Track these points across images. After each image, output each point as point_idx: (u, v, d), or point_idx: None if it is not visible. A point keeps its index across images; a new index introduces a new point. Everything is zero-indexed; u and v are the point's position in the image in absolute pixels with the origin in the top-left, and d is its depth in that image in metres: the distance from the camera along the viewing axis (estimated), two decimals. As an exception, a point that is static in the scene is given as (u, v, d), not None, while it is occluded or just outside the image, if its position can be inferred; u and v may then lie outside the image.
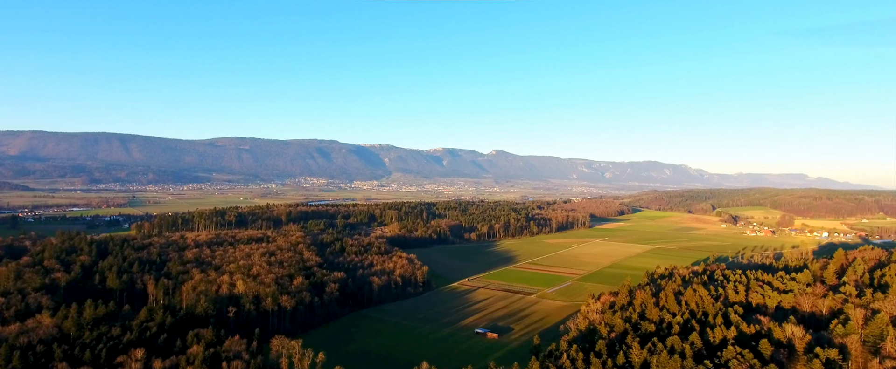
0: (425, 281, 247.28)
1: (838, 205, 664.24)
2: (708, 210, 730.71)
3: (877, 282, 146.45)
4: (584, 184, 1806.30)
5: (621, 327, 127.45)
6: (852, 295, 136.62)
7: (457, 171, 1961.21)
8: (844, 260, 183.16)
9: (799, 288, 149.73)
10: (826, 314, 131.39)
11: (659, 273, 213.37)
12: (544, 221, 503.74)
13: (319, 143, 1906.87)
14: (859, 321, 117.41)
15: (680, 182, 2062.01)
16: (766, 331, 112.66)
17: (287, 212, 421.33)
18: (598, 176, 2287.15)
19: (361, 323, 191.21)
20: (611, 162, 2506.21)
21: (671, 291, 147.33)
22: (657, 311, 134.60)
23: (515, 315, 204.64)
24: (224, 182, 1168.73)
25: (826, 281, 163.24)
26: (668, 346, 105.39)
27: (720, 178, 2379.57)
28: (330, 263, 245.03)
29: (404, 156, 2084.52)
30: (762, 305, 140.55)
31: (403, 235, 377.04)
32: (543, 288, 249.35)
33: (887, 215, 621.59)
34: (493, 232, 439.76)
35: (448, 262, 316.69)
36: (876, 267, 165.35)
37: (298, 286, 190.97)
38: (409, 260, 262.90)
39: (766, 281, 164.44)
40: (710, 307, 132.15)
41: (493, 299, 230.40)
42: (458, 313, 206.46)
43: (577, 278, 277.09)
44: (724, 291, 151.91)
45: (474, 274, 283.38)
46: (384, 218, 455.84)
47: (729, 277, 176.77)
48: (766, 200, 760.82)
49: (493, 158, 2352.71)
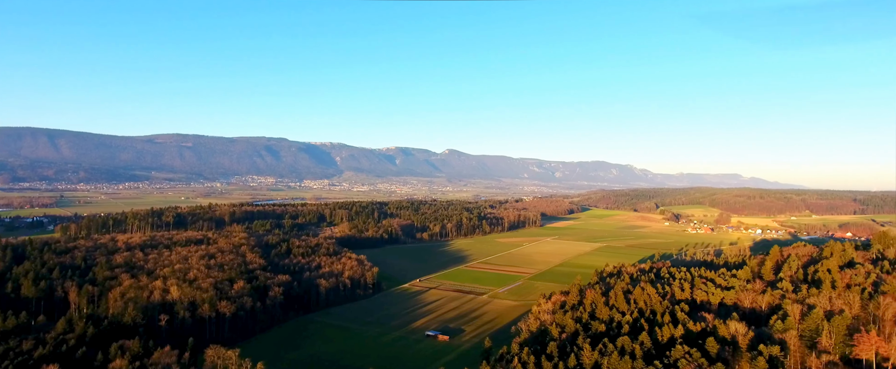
0: (375, 283, 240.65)
1: (769, 204, 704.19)
2: (652, 208, 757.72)
3: (810, 278, 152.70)
4: (535, 184, 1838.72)
5: (572, 327, 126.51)
6: (789, 291, 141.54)
7: (410, 171, 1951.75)
8: (779, 256, 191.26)
9: (740, 285, 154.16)
10: (765, 309, 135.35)
11: (608, 271, 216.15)
12: (496, 220, 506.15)
13: (268, 141, 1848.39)
14: (796, 316, 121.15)
15: (626, 181, 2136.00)
16: (711, 329, 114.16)
17: (231, 212, 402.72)
18: (549, 175, 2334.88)
19: (307, 328, 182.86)
20: (561, 161, 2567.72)
21: (620, 290, 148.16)
22: (607, 311, 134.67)
23: (467, 316, 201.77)
24: (164, 181, 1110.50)
25: (764, 277, 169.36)
26: (618, 347, 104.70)
27: (663, 178, 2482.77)
28: (275, 266, 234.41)
29: (356, 155, 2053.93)
30: (706, 302, 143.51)
31: (354, 236, 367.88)
32: (495, 288, 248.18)
33: (813, 213, 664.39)
34: (445, 231, 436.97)
35: (399, 263, 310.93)
36: (809, 263, 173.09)
37: (239, 290, 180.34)
38: (359, 261, 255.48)
39: (710, 278, 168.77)
40: (658, 305, 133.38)
41: (444, 300, 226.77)
42: (408, 315, 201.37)
43: (529, 277, 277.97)
44: (670, 289, 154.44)
45: (426, 274, 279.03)
46: (334, 218, 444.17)
47: (674, 275, 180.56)
48: (705, 199, 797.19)
49: (446, 157, 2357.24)
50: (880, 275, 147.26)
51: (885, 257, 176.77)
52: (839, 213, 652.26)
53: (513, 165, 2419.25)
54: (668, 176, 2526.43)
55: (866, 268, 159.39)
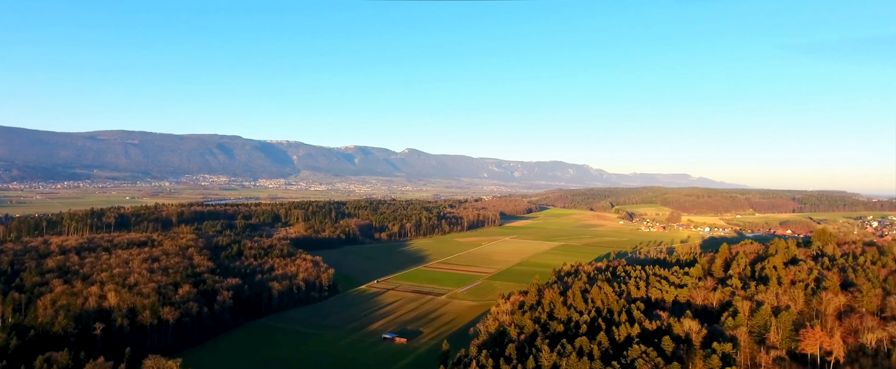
0: (331, 285, 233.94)
1: (717, 203, 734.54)
2: (607, 207, 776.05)
3: (758, 275, 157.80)
4: (495, 183, 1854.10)
5: (531, 328, 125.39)
6: (738, 288, 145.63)
7: (369, 170, 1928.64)
8: (728, 254, 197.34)
9: (692, 283, 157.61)
10: (717, 306, 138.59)
11: (566, 270, 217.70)
12: (456, 220, 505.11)
13: (220, 139, 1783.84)
14: (746, 313, 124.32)
15: (582, 181, 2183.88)
16: (666, 327, 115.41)
17: (178, 212, 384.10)
18: (508, 175, 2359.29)
19: (258, 333, 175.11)
20: (520, 161, 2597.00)
21: (578, 289, 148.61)
22: (565, 310, 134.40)
23: (425, 317, 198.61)
24: (107, 180, 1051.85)
25: (714, 274, 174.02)
26: (576, 347, 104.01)
27: (618, 178, 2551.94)
28: (225, 268, 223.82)
29: (314, 154, 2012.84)
30: (661, 300, 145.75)
31: (310, 236, 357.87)
32: (454, 288, 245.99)
33: (756, 211, 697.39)
34: (404, 231, 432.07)
35: (357, 264, 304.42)
36: (756, 260, 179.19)
37: (184, 295, 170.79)
38: (315, 262, 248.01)
39: (663, 276, 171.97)
40: (615, 304, 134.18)
41: (402, 301, 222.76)
42: (365, 318, 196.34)
43: (488, 277, 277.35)
44: (626, 287, 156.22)
45: (384, 275, 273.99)
46: (289, 218, 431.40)
47: (630, 273, 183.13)
48: (657, 198, 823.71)
49: (405, 157, 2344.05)
50: (821, 272, 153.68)
51: (824, 254, 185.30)
52: (780, 212, 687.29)
53: (472, 165, 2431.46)
54: (623, 175, 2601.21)
55: (808, 264, 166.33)
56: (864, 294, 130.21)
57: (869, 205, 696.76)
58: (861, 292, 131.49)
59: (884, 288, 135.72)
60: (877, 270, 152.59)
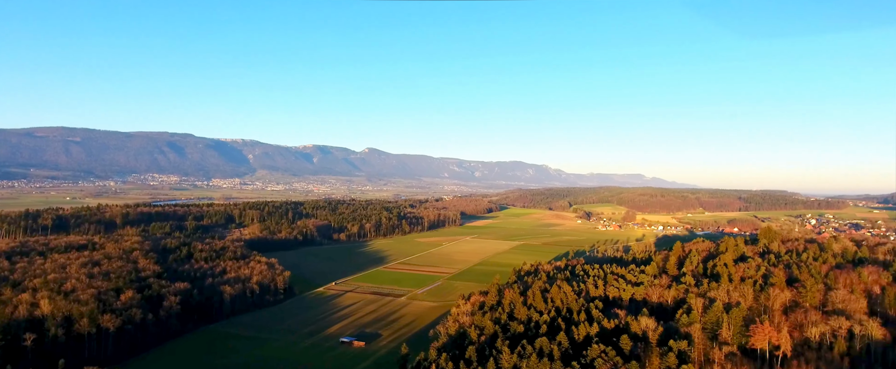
0: (287, 288, 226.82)
1: (669, 202, 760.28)
2: (566, 207, 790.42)
3: (710, 272, 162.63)
4: (455, 183, 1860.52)
5: (491, 329, 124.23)
6: (692, 285, 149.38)
7: (328, 169, 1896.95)
8: (681, 252, 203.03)
9: (648, 281, 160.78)
10: (671, 304, 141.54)
11: (526, 269, 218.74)
12: (416, 220, 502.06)
13: (171, 137, 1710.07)
14: (699, 309, 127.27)
15: (542, 181, 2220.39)
16: (624, 325, 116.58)
17: (123, 213, 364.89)
18: (469, 174, 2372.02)
19: (208, 339, 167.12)
20: (480, 161, 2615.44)
21: (538, 289, 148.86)
22: (525, 310, 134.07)
23: (385, 319, 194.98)
24: (46, 179, 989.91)
25: (669, 272, 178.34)
26: (536, 348, 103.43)
27: (575, 178, 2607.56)
28: (173, 272, 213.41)
29: (271, 153, 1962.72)
30: (618, 298, 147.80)
31: (265, 237, 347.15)
32: (414, 289, 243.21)
33: (705, 210, 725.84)
34: (364, 231, 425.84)
35: (315, 265, 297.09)
36: (707, 258, 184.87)
37: (127, 302, 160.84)
38: (270, 264, 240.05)
39: (620, 274, 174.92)
40: (574, 303, 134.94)
41: (361, 303, 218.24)
42: (322, 321, 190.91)
43: (448, 277, 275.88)
44: (585, 286, 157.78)
45: (343, 277, 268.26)
46: (244, 218, 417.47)
47: (588, 272, 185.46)
48: (613, 198, 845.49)
49: (365, 156, 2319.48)
50: (768, 268, 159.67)
51: (770, 251, 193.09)
52: (727, 210, 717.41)
53: (433, 165, 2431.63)
54: (580, 175, 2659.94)
55: (756, 261, 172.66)
56: (808, 289, 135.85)
57: (807, 204, 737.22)
58: (805, 287, 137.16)
59: (825, 284, 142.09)
60: (818, 266, 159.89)
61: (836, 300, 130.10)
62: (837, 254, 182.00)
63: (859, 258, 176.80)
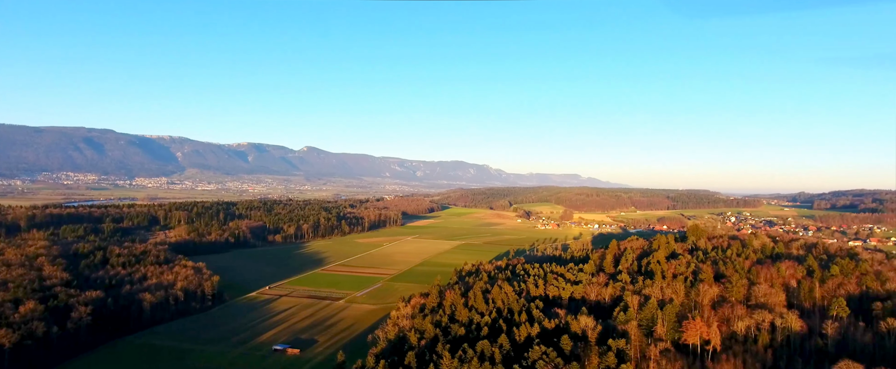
0: (216, 293, 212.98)
1: (604, 201, 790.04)
2: (506, 206, 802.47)
3: (644, 269, 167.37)
4: (397, 183, 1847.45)
5: (432, 333, 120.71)
6: (628, 283, 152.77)
7: (264, 168, 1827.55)
8: (617, 250, 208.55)
9: (586, 279, 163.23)
10: (609, 301, 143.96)
11: (467, 270, 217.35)
12: (356, 220, 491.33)
13: (88, 132, 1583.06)
14: (635, 307, 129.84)
15: (483, 180, 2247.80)
16: (564, 325, 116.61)
17: (29, 215, 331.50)
18: (411, 174, 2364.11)
19: (124, 352, 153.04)
20: (422, 161, 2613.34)
21: (479, 290, 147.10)
22: (467, 312, 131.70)
23: (321, 324, 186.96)
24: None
25: (606, 270, 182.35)
26: (478, 351, 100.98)
27: (515, 177, 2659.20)
28: (85, 280, 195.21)
29: (202, 151, 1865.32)
30: (558, 297, 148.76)
31: (193, 240, 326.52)
32: (353, 292, 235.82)
33: (637, 209, 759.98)
34: (301, 233, 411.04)
35: (247, 269, 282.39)
36: (642, 255, 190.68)
37: (27, 314, 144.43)
38: (197, 269, 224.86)
39: (560, 273, 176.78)
40: (515, 303, 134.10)
41: (297, 308, 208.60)
42: (254, 328, 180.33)
43: (389, 278, 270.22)
44: (525, 286, 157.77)
45: (277, 280, 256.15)
46: (170, 220, 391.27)
47: (529, 272, 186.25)
48: (552, 197, 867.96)
49: (304, 155, 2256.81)
50: (697, 265, 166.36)
51: (698, 248, 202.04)
52: (657, 209, 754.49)
53: (375, 164, 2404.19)
54: (520, 175, 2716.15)
55: (686, 258, 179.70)
56: (734, 284, 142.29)
57: (727, 203, 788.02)
58: (731, 283, 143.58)
59: (748, 279, 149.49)
60: (742, 262, 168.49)
61: (759, 294, 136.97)
62: (757, 249, 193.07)
63: (776, 253, 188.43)
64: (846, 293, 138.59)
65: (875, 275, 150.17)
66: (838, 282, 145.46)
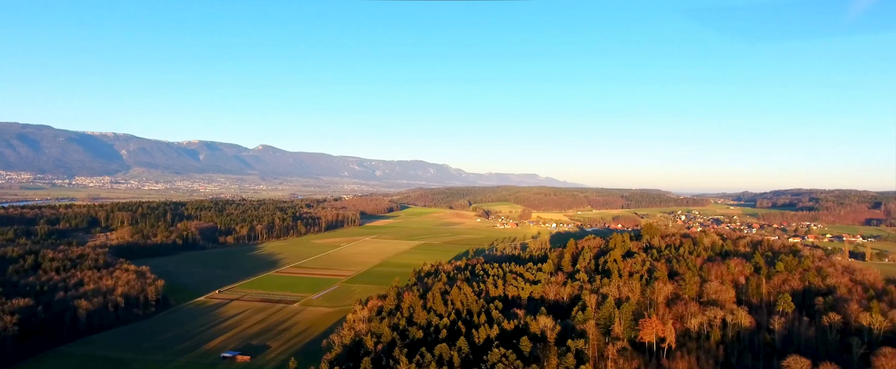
0: (161, 298, 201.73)
1: (561, 200, 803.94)
2: (466, 206, 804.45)
3: (601, 268, 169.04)
4: (356, 182, 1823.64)
5: (389, 336, 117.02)
6: (585, 282, 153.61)
7: (217, 167, 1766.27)
8: (575, 249, 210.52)
9: (545, 278, 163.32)
10: (567, 300, 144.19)
11: (426, 270, 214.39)
12: (313, 220, 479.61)
13: (22, 128, 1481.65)
14: (593, 306, 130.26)
15: (442, 180, 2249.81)
16: (523, 325, 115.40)
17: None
18: (370, 174, 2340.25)
19: (57, 364, 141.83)
20: (381, 160, 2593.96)
21: (438, 291, 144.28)
22: (425, 314, 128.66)
23: (274, 329, 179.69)
24: None
25: (564, 269, 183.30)
26: (436, 355, 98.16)
27: (475, 177, 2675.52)
28: (12, 286, 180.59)
29: (149, 149, 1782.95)
30: (517, 297, 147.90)
31: (137, 242, 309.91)
32: (309, 294, 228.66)
33: (593, 208, 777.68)
34: (254, 234, 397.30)
35: (196, 272, 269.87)
36: (599, 254, 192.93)
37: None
38: (140, 273, 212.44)
39: (519, 272, 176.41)
40: (475, 304, 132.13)
41: (249, 312, 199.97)
42: (202, 334, 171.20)
43: (346, 280, 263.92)
44: (485, 286, 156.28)
45: (228, 284, 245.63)
46: (112, 221, 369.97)
47: (488, 272, 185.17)
48: (511, 196, 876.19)
49: (259, 154, 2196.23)
50: (652, 263, 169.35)
51: (652, 246, 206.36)
52: (612, 208, 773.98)
53: (333, 163, 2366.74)
54: (480, 175, 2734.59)
55: (641, 256, 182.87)
56: (687, 282, 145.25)
57: (678, 202, 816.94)
58: (684, 280, 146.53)
59: (700, 276, 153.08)
60: (694, 260, 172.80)
61: (711, 291, 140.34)
62: (708, 247, 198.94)
63: (726, 251, 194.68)
64: (791, 289, 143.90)
65: (816, 271, 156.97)
66: (783, 279, 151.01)
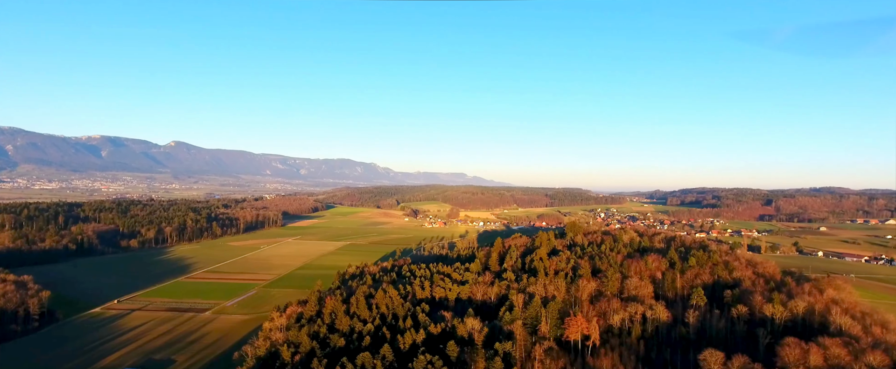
0: (45, 312, 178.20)
1: (488, 199, 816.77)
2: (394, 205, 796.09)
3: (527, 267, 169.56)
4: (279, 181, 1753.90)
5: (308, 346, 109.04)
6: (512, 281, 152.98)
7: (122, 165, 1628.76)
8: (502, 248, 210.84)
9: (473, 279, 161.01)
10: (495, 301, 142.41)
11: (350, 272, 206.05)
12: (230, 221, 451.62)
13: None
14: (520, 306, 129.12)
15: (370, 179, 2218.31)
16: (450, 329, 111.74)
17: None
18: (294, 172, 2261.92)
19: None
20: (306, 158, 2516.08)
21: (362, 295, 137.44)
22: (348, 320, 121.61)
23: (182, 340, 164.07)
24: None
25: (491, 268, 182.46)
26: (358, 365, 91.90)
27: (403, 176, 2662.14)
28: None
29: (41, 144, 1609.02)
30: (445, 298, 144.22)
31: (20, 248, 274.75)
32: (223, 301, 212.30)
33: (519, 206, 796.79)
34: (163, 237, 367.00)
35: (92, 280, 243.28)
36: (525, 252, 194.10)
37: None
38: (19, 283, 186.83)
39: (447, 273, 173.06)
40: (400, 308, 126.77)
41: (152, 323, 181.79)
42: (94, 351, 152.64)
43: (265, 284, 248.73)
44: (411, 288, 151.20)
45: (130, 292, 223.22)
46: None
47: (415, 273, 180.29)
48: (439, 195, 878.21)
49: (171, 151, 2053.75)
50: (577, 261, 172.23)
51: (576, 244, 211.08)
52: (536, 206, 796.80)
53: (254, 161, 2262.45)
54: (408, 174, 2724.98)
55: (566, 254, 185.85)
56: (609, 278, 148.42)
57: (598, 200, 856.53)
58: (607, 277, 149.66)
59: (621, 273, 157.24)
60: (615, 257, 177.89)
61: (631, 287, 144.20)
62: (627, 244, 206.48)
63: (643, 247, 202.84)
64: (702, 282, 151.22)
65: (724, 264, 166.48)
66: (695, 273, 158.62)
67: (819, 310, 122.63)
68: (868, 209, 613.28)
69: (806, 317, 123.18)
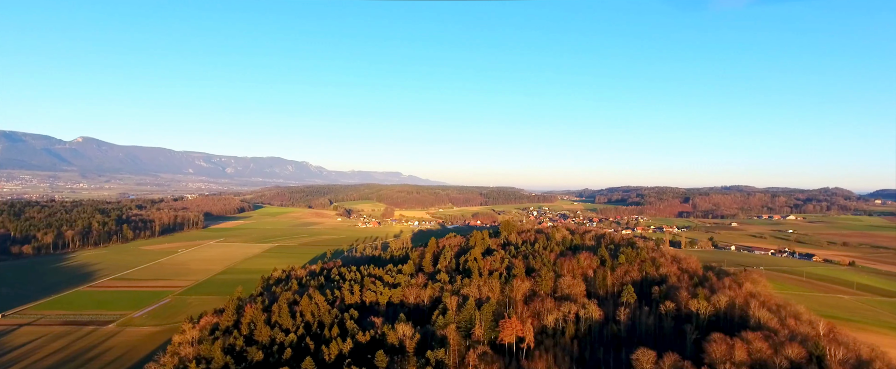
0: None
1: (423, 198, 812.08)
2: (326, 205, 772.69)
3: (462, 268, 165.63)
4: (203, 180, 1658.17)
5: (221, 361, 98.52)
6: (446, 283, 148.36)
7: (20, 162, 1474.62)
8: (436, 248, 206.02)
9: (405, 281, 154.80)
10: (428, 303, 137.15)
11: (275, 277, 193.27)
12: (144, 223, 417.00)
13: None
14: (454, 308, 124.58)
15: (302, 178, 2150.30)
16: (380, 336, 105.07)
17: None
18: (219, 171, 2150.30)
19: None
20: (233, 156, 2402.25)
21: (285, 302, 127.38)
22: (268, 330, 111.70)
23: (78, 358, 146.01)
24: None
25: (425, 269, 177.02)
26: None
27: (337, 175, 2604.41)
28: None
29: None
30: (376, 303, 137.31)
31: None
32: (130, 312, 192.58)
33: (454, 205, 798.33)
34: (64, 241, 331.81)
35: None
36: (460, 252, 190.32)
37: None
38: None
39: (378, 276, 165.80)
40: (327, 315, 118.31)
41: (44, 340, 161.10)
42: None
43: (180, 291, 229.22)
44: (340, 293, 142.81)
45: (19, 305, 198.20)
46: None
47: (345, 276, 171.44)
48: (374, 194, 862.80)
49: (79, 147, 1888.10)
50: (511, 260, 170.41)
51: (510, 242, 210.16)
52: (471, 205, 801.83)
53: (174, 159, 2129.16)
54: (342, 173, 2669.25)
55: (500, 253, 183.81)
56: (543, 277, 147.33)
57: (530, 198, 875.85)
58: (540, 276, 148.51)
59: (555, 271, 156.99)
60: (548, 255, 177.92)
61: (564, 286, 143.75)
62: (559, 242, 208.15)
63: (575, 245, 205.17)
64: (632, 279, 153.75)
65: (651, 261, 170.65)
66: (625, 270, 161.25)
67: (739, 304, 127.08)
68: (771, 206, 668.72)
69: (728, 311, 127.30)
